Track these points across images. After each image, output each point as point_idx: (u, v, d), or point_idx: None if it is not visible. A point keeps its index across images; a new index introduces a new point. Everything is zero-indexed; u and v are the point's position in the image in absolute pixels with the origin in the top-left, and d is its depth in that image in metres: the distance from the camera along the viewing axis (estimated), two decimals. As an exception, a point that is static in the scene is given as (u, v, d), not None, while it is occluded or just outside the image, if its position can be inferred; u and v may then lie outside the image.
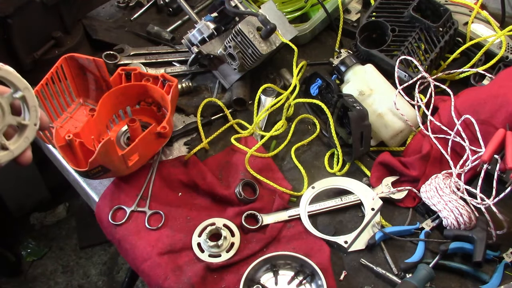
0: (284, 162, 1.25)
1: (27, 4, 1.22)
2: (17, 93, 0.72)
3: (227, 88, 1.37)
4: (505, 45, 1.31)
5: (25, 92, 0.72)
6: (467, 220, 1.06)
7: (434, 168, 1.18)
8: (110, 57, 1.40)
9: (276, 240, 1.11)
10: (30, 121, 0.74)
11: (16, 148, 0.72)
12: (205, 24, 1.33)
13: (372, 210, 1.13)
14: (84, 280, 2.34)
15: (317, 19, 1.46)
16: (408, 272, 1.04)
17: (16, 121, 0.73)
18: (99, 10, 1.58)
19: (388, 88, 1.27)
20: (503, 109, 1.12)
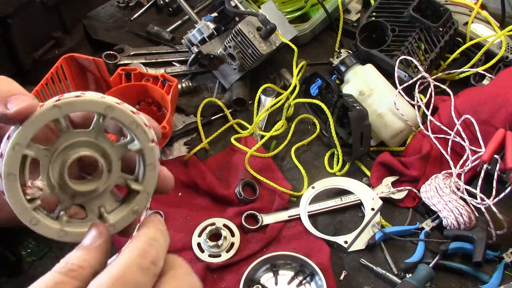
0: (284, 162, 1.25)
1: (27, 4, 1.22)
2: (134, 143, 0.53)
3: (227, 88, 1.37)
4: (505, 45, 1.31)
5: (144, 146, 0.53)
6: (467, 220, 1.06)
7: (434, 168, 1.18)
8: (110, 57, 1.40)
9: (276, 240, 1.11)
10: (144, 187, 0.54)
11: (118, 222, 0.53)
12: (205, 24, 1.33)
13: (372, 210, 1.12)
14: (84, 280, 2.34)
15: (317, 19, 1.46)
16: (408, 272, 1.04)
17: (125, 182, 0.54)
18: (99, 10, 1.58)
19: (388, 88, 1.26)
20: (503, 109, 1.12)
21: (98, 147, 0.53)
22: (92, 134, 0.52)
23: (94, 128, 0.52)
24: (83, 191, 0.52)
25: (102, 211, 0.53)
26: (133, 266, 0.46)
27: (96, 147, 0.53)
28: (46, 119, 0.49)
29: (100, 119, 0.52)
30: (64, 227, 0.51)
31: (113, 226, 0.53)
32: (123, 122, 0.52)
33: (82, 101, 0.50)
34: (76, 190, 0.52)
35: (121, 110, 0.52)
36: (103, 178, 0.53)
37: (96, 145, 0.53)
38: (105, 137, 0.53)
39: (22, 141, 0.48)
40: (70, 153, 0.51)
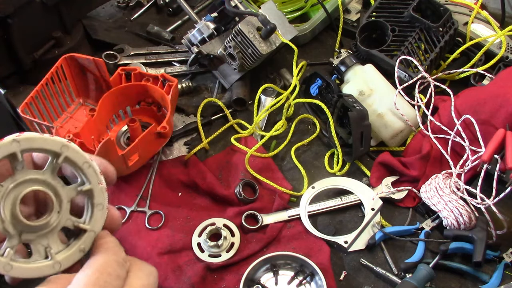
0: (284, 162, 1.25)
1: (27, 4, 1.22)
2: (84, 185, 0.57)
3: (227, 88, 1.37)
4: (505, 45, 1.31)
5: (93, 186, 0.57)
6: (467, 220, 1.06)
7: (434, 168, 1.18)
8: (110, 57, 1.40)
9: (276, 240, 1.11)
10: (92, 226, 0.57)
11: (64, 260, 0.55)
12: (205, 24, 1.33)
13: (372, 210, 1.12)
14: (84, 280, 2.34)
15: (317, 19, 1.46)
16: (408, 272, 1.04)
17: (72, 224, 0.56)
18: (99, 10, 1.58)
19: (388, 88, 1.26)
20: (503, 109, 1.12)
21: (50, 186, 0.55)
22: (45, 174, 0.55)
23: (47, 168, 0.55)
24: (33, 226, 0.53)
25: (48, 251, 0.55)
26: (112, 261, 0.53)
27: (48, 186, 0.55)
28: (4, 152, 0.51)
29: (54, 160, 0.55)
30: (10, 262, 0.52)
31: (59, 263, 0.54)
32: (76, 162, 0.55)
33: (41, 138, 0.53)
34: (27, 224, 0.53)
35: (76, 150, 0.55)
36: (53, 215, 0.55)
37: (49, 184, 0.55)
38: (57, 178, 0.56)
39: None
40: (22, 189, 0.53)
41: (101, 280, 0.50)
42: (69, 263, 0.55)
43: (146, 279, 0.55)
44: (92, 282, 0.49)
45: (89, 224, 0.57)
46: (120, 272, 0.53)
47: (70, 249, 0.56)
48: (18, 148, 0.52)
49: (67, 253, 0.55)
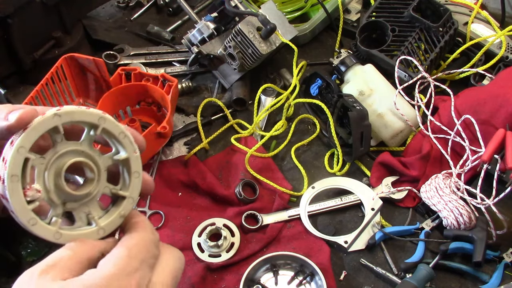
0: (284, 162, 1.25)
1: (27, 4, 1.22)
2: (120, 154, 0.59)
3: (227, 88, 1.37)
4: (505, 45, 1.31)
5: (130, 155, 0.59)
6: (467, 220, 1.06)
7: (434, 168, 1.18)
8: (110, 57, 1.40)
9: (276, 240, 1.11)
10: (130, 193, 0.60)
11: (106, 226, 0.58)
12: (205, 24, 1.33)
13: (372, 210, 1.12)
14: (84, 280, 2.34)
15: (317, 19, 1.46)
16: (408, 272, 1.04)
17: (110, 191, 0.59)
18: (99, 10, 1.58)
19: (388, 88, 1.26)
20: (503, 109, 1.12)
21: (89, 156, 0.57)
22: (83, 145, 0.57)
23: (85, 139, 0.57)
24: (77, 195, 0.56)
25: (90, 217, 0.57)
26: (149, 240, 0.55)
27: (88, 156, 0.57)
28: (47, 126, 0.53)
29: (90, 131, 0.57)
30: (59, 230, 0.54)
31: (103, 229, 0.57)
32: (112, 132, 0.57)
33: (80, 111, 0.55)
34: (71, 194, 0.55)
35: (112, 121, 0.57)
36: (93, 184, 0.57)
37: (87, 155, 0.57)
38: (93, 148, 0.58)
39: (26, 144, 0.52)
40: (65, 160, 0.55)
41: (139, 256, 0.53)
42: (112, 228, 0.58)
43: (175, 262, 0.58)
44: (133, 255, 0.52)
45: (128, 191, 0.59)
46: (156, 252, 0.56)
47: (111, 215, 0.58)
48: (59, 122, 0.54)
49: (108, 219, 0.58)
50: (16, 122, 0.52)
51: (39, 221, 0.53)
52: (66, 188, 0.55)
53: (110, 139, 0.59)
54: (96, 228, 0.57)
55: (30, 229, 0.52)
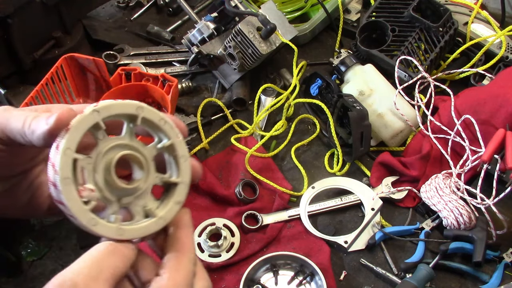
0: (284, 162, 1.25)
1: (27, 4, 1.22)
2: (163, 142, 0.58)
3: (227, 88, 1.37)
4: (505, 45, 1.31)
5: (174, 140, 0.57)
6: (467, 220, 1.06)
7: (434, 168, 1.18)
8: (110, 57, 1.40)
9: (276, 240, 1.11)
10: (182, 179, 0.58)
11: (165, 215, 0.56)
12: (205, 24, 1.33)
13: (372, 210, 1.12)
14: (84, 280, 2.34)
15: (317, 19, 1.46)
16: (408, 272, 1.04)
17: (160, 180, 0.58)
18: (99, 10, 1.58)
19: (388, 88, 1.26)
20: (503, 109, 1.12)
21: (134, 149, 0.56)
22: (125, 138, 0.56)
23: (126, 132, 0.56)
24: (130, 188, 0.55)
25: (147, 210, 0.56)
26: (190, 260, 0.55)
27: (132, 149, 0.56)
28: (88, 124, 0.52)
29: (130, 123, 0.56)
30: (120, 226, 0.53)
31: (162, 219, 0.56)
32: (152, 121, 0.56)
33: (117, 104, 0.54)
34: (124, 188, 0.54)
35: (150, 109, 0.56)
36: (144, 176, 0.56)
37: (132, 147, 0.56)
38: (135, 139, 0.57)
39: (72, 145, 0.51)
40: (112, 155, 0.54)
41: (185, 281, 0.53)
42: (170, 217, 0.57)
43: (207, 279, 0.58)
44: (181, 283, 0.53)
45: (179, 177, 0.58)
46: (194, 269, 0.56)
47: (167, 204, 0.57)
48: (99, 118, 0.53)
49: (165, 208, 0.57)
50: (55, 124, 0.51)
51: (99, 221, 0.52)
52: (119, 183, 0.54)
53: (150, 128, 0.58)
54: (155, 219, 0.55)
55: (92, 229, 0.52)
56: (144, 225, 0.55)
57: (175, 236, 0.57)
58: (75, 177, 0.52)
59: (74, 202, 0.51)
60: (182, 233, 0.57)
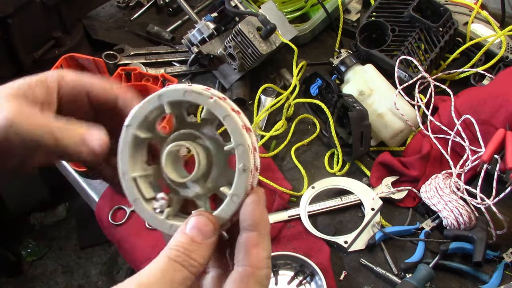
0: (284, 162, 1.25)
1: (27, 4, 1.22)
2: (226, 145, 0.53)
3: (227, 88, 1.37)
4: (505, 45, 1.31)
5: (238, 148, 0.51)
6: (467, 220, 1.06)
7: (434, 168, 1.18)
8: (110, 57, 1.40)
9: (276, 240, 1.11)
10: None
11: (236, 189, 0.52)
12: (205, 24, 1.33)
13: (372, 210, 1.12)
14: (84, 280, 2.34)
15: (317, 19, 1.46)
16: (408, 272, 1.04)
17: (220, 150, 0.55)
18: (99, 10, 1.58)
19: (388, 88, 1.27)
20: (503, 109, 1.12)
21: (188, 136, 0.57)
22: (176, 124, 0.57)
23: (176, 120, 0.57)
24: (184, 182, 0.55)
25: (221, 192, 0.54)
26: None
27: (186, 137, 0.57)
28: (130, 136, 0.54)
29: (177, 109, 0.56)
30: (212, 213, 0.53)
31: (236, 195, 0.51)
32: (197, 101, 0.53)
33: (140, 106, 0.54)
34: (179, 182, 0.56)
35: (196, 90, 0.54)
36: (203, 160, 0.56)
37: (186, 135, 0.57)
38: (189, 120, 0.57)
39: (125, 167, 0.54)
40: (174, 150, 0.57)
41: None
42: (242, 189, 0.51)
43: None
44: None
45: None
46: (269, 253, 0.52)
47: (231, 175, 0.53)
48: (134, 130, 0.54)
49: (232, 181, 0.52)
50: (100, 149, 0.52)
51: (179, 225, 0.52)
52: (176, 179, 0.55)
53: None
54: (229, 198, 0.51)
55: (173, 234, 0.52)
56: (222, 208, 0.52)
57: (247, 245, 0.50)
58: (141, 193, 0.54)
59: (149, 217, 0.54)
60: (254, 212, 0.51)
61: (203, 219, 0.51)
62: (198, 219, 0.51)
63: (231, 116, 0.52)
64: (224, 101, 0.52)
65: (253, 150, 0.52)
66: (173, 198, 0.56)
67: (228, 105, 0.52)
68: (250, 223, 0.50)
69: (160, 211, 0.54)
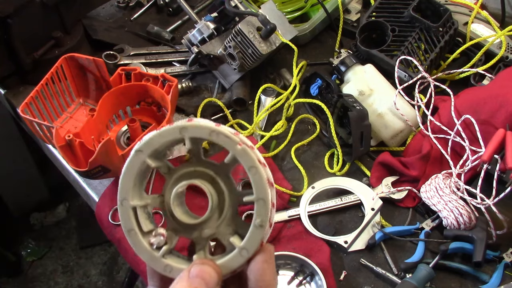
0: (284, 162, 1.25)
1: (27, 4, 1.22)
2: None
3: (227, 88, 1.37)
4: (505, 45, 1.31)
5: (234, 151, 0.50)
6: (467, 220, 1.06)
7: (434, 168, 1.18)
8: (110, 57, 1.40)
9: (276, 240, 1.11)
10: (257, 194, 0.50)
11: (247, 243, 0.50)
12: (205, 24, 1.33)
13: (372, 210, 1.12)
14: (84, 280, 2.34)
15: (317, 19, 1.46)
16: (408, 272, 1.04)
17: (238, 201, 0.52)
18: (99, 10, 1.58)
19: (388, 88, 1.27)
20: (503, 109, 1.12)
21: (199, 175, 0.53)
22: (192, 163, 0.54)
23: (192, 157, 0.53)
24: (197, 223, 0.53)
25: (230, 240, 0.51)
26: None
27: (197, 176, 0.53)
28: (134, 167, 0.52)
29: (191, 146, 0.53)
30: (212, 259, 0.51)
31: (245, 249, 0.50)
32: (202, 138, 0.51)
33: (158, 134, 0.52)
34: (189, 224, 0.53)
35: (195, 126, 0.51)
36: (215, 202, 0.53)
37: (198, 173, 0.53)
38: (206, 160, 0.54)
39: (126, 195, 0.51)
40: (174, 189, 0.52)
41: None
42: (254, 245, 0.50)
43: None
44: None
45: (254, 193, 0.50)
46: None
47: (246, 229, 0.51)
48: (145, 157, 0.52)
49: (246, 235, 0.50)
50: None
51: (174, 266, 0.50)
52: (184, 219, 0.52)
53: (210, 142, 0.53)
54: (237, 250, 0.50)
55: (169, 276, 0.50)
56: (228, 258, 0.50)
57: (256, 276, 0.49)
58: (139, 224, 0.51)
59: (144, 252, 0.50)
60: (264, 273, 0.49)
61: (208, 269, 0.48)
62: (203, 269, 0.48)
63: (258, 168, 0.50)
64: (252, 151, 0.50)
65: (272, 206, 0.50)
66: (171, 235, 0.53)
67: (255, 155, 0.50)
68: (262, 284, 0.48)
69: (157, 248, 0.51)
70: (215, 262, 0.50)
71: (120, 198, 0.51)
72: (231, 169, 0.52)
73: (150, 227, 0.52)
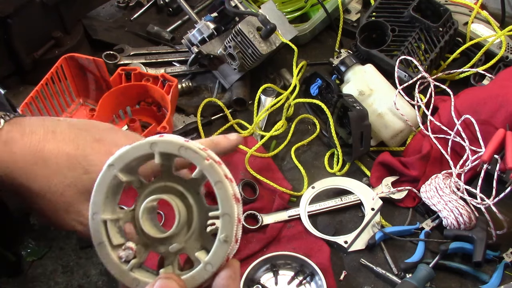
0: (284, 162, 1.25)
1: (27, 4, 1.22)
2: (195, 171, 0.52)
3: (227, 88, 1.37)
4: (505, 45, 1.31)
5: (201, 166, 0.51)
6: (467, 220, 1.06)
7: (434, 168, 1.18)
8: (110, 57, 1.40)
9: (276, 240, 1.11)
10: (222, 209, 0.52)
11: (211, 258, 0.51)
12: (205, 24, 1.33)
13: (372, 210, 1.12)
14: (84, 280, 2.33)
15: (317, 19, 1.46)
16: (408, 272, 1.04)
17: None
18: (99, 10, 1.58)
19: (388, 88, 1.26)
20: (503, 109, 1.12)
21: (169, 190, 0.54)
22: (162, 179, 0.54)
23: (163, 172, 0.54)
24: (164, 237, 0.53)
25: (196, 255, 0.52)
26: None
27: (167, 191, 0.54)
28: (106, 181, 0.52)
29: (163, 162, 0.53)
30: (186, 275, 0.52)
31: (209, 264, 0.51)
32: (171, 153, 0.52)
33: (130, 149, 0.53)
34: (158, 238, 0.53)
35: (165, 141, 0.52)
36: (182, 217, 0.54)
37: (168, 188, 0.54)
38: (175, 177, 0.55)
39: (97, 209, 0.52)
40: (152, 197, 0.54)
41: None
42: (219, 260, 0.51)
43: None
44: None
45: (220, 208, 0.51)
46: None
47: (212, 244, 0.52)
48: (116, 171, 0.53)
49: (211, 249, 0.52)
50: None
51: (141, 280, 0.51)
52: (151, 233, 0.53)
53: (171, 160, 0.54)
54: (202, 265, 0.50)
55: None
56: (193, 273, 0.51)
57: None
58: (109, 237, 0.52)
59: (112, 265, 0.51)
60: None
61: (172, 283, 0.49)
62: (166, 283, 0.49)
63: (223, 183, 0.51)
64: (219, 166, 0.51)
65: (238, 222, 0.52)
66: (141, 249, 0.53)
67: (222, 170, 0.51)
68: None
69: (125, 261, 0.51)
70: (179, 277, 0.50)
71: (91, 212, 0.51)
72: (201, 184, 0.53)
73: (120, 241, 0.53)
